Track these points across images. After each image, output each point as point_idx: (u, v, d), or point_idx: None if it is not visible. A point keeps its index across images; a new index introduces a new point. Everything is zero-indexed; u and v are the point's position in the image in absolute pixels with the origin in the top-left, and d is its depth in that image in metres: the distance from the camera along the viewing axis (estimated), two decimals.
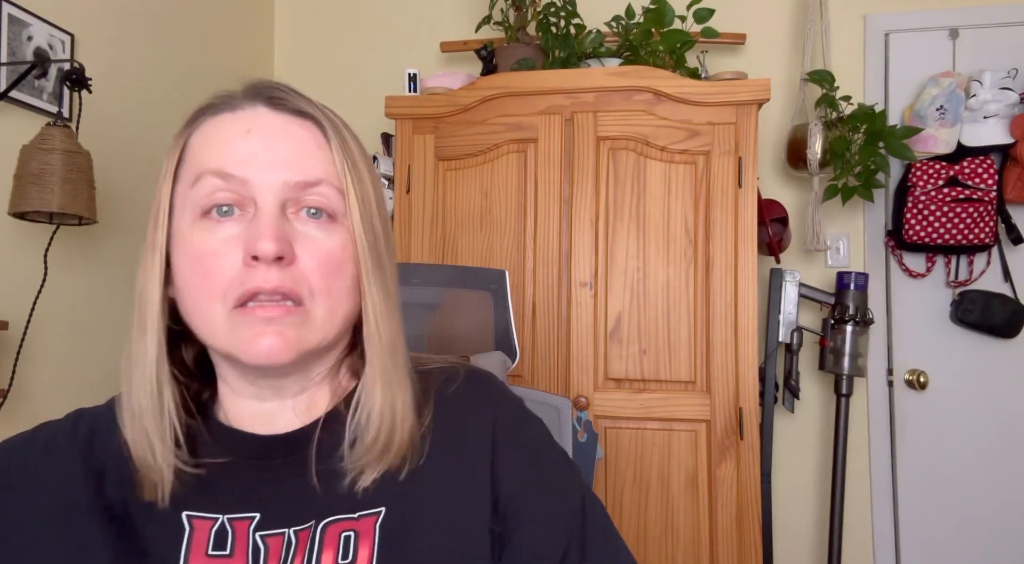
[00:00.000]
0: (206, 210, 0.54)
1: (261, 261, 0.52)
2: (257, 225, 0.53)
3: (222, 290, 0.53)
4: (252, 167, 0.54)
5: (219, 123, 0.56)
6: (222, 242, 0.53)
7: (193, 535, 0.55)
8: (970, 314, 2.16)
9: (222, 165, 0.54)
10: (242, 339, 0.53)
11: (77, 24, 1.70)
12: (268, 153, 0.55)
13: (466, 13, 2.48)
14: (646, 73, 1.85)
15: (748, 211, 1.79)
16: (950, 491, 2.21)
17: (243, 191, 0.54)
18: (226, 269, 0.53)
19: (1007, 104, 2.07)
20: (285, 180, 0.54)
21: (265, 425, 0.59)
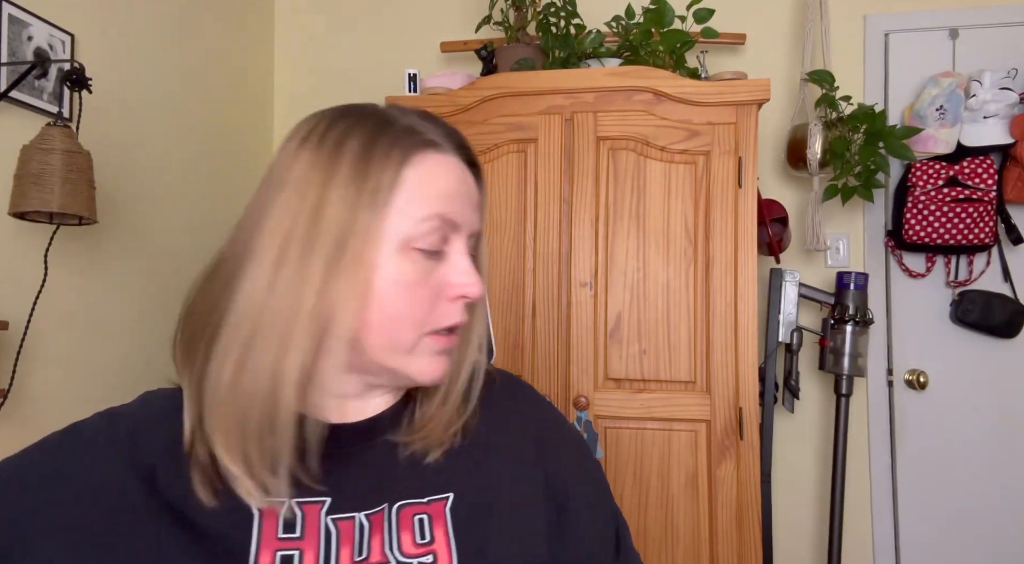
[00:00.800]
0: (417, 245, 0.57)
1: (464, 300, 0.60)
2: (464, 270, 0.59)
3: (421, 318, 0.58)
4: (463, 215, 0.60)
5: (434, 165, 0.59)
6: (427, 275, 0.58)
7: (263, 520, 0.56)
8: (970, 314, 2.16)
9: (446, 210, 0.58)
10: (424, 362, 0.59)
11: (77, 24, 1.70)
12: (471, 205, 0.61)
13: (466, 13, 2.48)
14: (646, 73, 1.85)
15: (748, 211, 1.79)
16: (950, 491, 2.21)
17: (449, 233, 0.59)
18: (428, 300, 0.58)
19: (1007, 104, 2.07)
20: (474, 228, 0.62)
21: (340, 416, 0.62)
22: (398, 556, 0.56)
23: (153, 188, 1.99)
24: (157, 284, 2.00)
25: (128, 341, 1.88)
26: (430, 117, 0.63)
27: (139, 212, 1.93)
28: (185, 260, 2.13)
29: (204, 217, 2.23)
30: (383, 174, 0.56)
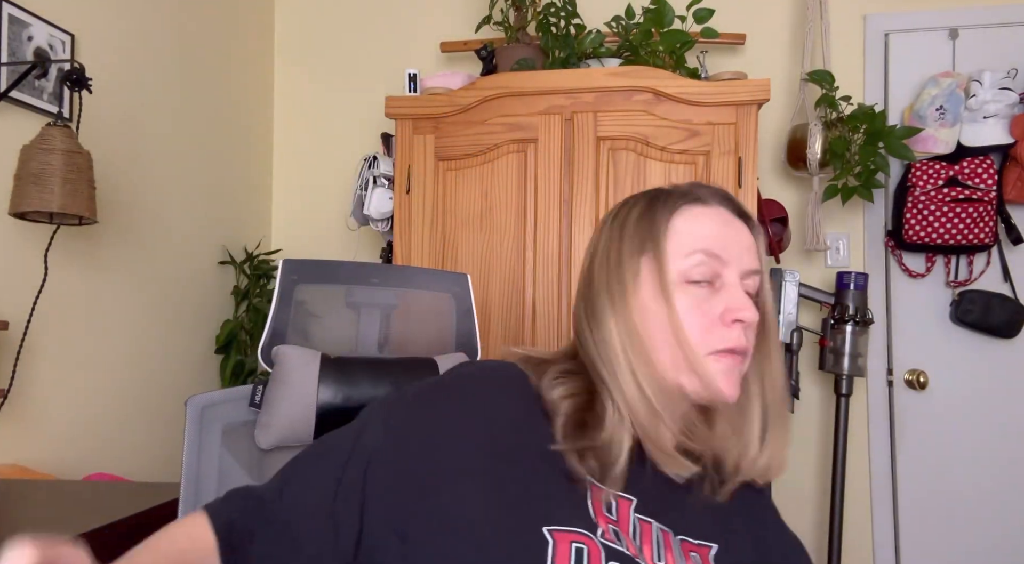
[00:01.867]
0: (690, 278, 0.69)
1: (741, 324, 0.68)
2: (736, 296, 0.68)
3: (703, 340, 0.67)
4: (729, 251, 0.70)
5: (701, 213, 0.72)
6: (703, 303, 0.69)
7: (592, 497, 0.65)
8: (970, 314, 2.16)
9: (709, 245, 0.70)
10: (714, 379, 0.67)
11: (77, 24, 1.70)
12: (738, 243, 0.71)
13: (466, 13, 2.48)
14: (646, 73, 1.85)
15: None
16: (950, 490, 2.21)
17: (718, 268, 0.69)
18: (707, 325, 0.68)
19: (1007, 104, 2.07)
20: (745, 267, 0.71)
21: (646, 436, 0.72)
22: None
23: (153, 188, 1.99)
24: (157, 284, 2.00)
25: (128, 340, 1.88)
26: (699, 183, 0.77)
27: (139, 212, 1.93)
28: (185, 260, 2.13)
29: (204, 217, 2.24)
30: (660, 227, 0.71)
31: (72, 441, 1.68)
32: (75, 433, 1.69)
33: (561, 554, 0.57)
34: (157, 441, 1.94)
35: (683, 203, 0.73)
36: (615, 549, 0.60)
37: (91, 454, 1.73)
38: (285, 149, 2.65)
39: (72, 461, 1.67)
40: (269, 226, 2.63)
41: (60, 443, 1.65)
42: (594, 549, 0.59)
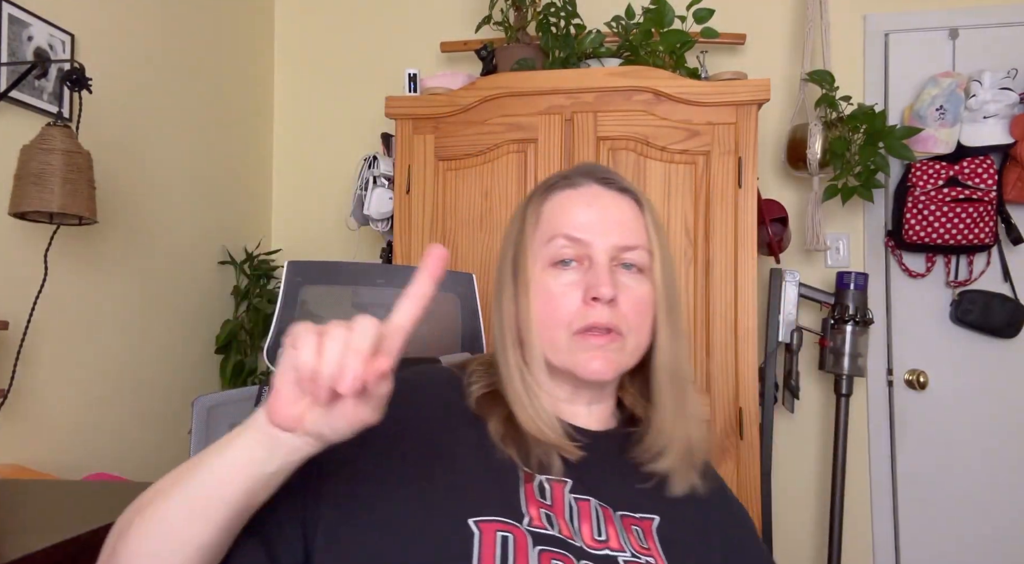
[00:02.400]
0: (555, 262, 0.72)
1: (599, 302, 0.69)
2: (596, 275, 0.70)
3: (567, 320, 0.70)
4: (592, 232, 0.72)
5: (567, 198, 0.76)
6: (567, 285, 0.71)
7: (525, 485, 0.66)
8: (970, 314, 2.16)
9: (570, 230, 0.73)
10: (579, 359, 0.70)
11: (77, 24, 1.70)
12: (608, 220, 0.73)
13: (466, 13, 2.48)
14: (646, 73, 1.85)
15: (748, 211, 1.79)
16: (950, 490, 2.21)
17: (582, 250, 0.72)
18: (570, 305, 0.71)
19: (1007, 104, 2.07)
20: (615, 243, 0.72)
21: (584, 421, 0.75)
22: (632, 548, 0.65)
23: (153, 188, 1.99)
24: (157, 284, 2.00)
25: (128, 341, 1.88)
26: (584, 165, 0.80)
27: (139, 212, 1.93)
28: (185, 260, 2.13)
29: (204, 217, 2.24)
30: (529, 215, 0.77)
31: (72, 441, 1.68)
32: (75, 433, 1.69)
33: (487, 544, 0.59)
34: (157, 441, 1.94)
35: (554, 191, 0.77)
36: (544, 534, 0.62)
37: (91, 454, 1.73)
38: (285, 149, 2.65)
39: (72, 461, 1.67)
40: (269, 226, 2.63)
41: (60, 443, 1.65)
42: (520, 537, 0.60)
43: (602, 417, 0.77)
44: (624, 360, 0.72)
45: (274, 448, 0.50)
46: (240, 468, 0.51)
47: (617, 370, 0.72)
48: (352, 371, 0.45)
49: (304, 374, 0.45)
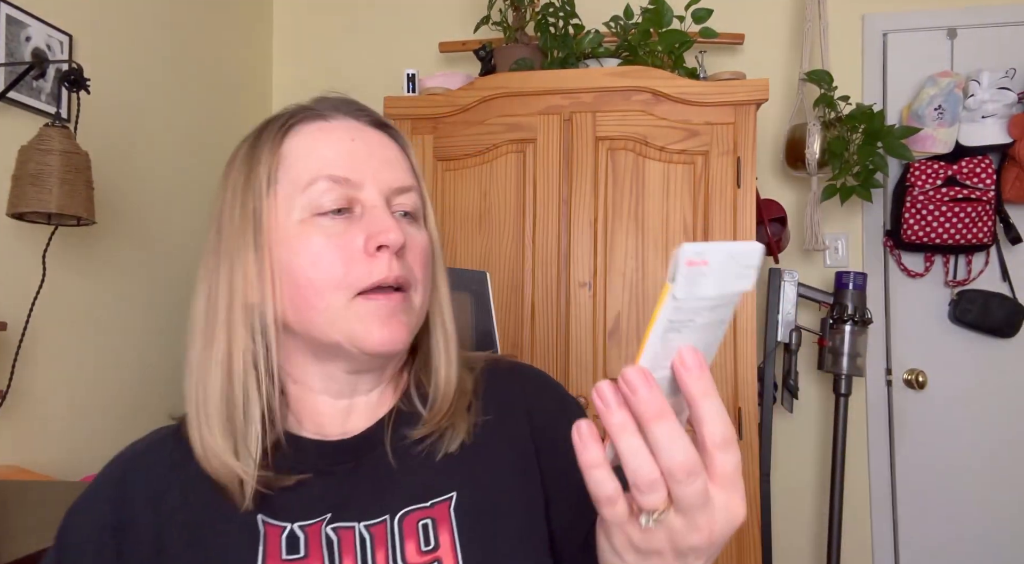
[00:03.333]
0: (319, 210, 0.58)
1: (387, 250, 0.57)
2: (377, 220, 0.58)
3: (343, 281, 0.57)
4: (362, 171, 0.60)
5: (318, 130, 0.61)
6: (339, 237, 0.58)
7: (267, 540, 0.57)
8: (968, 314, 2.17)
9: (335, 169, 0.59)
10: (369, 327, 0.57)
11: (75, 25, 1.70)
12: (374, 158, 0.61)
13: (465, 13, 2.48)
14: (645, 73, 1.85)
15: (747, 211, 1.79)
16: (949, 490, 2.22)
17: (354, 193, 0.59)
18: (345, 260, 0.57)
19: (1005, 104, 2.07)
20: (388, 184, 0.61)
21: (338, 424, 0.63)
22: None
23: (151, 188, 1.99)
24: (156, 284, 2.00)
25: (126, 341, 1.88)
26: (327, 97, 0.65)
27: (137, 212, 1.93)
28: (184, 260, 2.13)
29: (202, 217, 2.23)
30: (263, 157, 0.60)
31: (71, 442, 1.68)
32: (74, 434, 1.69)
33: None
34: None
35: (298, 124, 0.62)
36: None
37: (90, 455, 1.72)
38: None
39: (71, 462, 1.66)
40: None
41: (59, 444, 1.64)
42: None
43: (383, 401, 0.65)
44: (414, 322, 0.61)
45: None
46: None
47: (410, 336, 0.60)
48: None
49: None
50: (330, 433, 0.62)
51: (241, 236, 0.59)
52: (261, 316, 0.58)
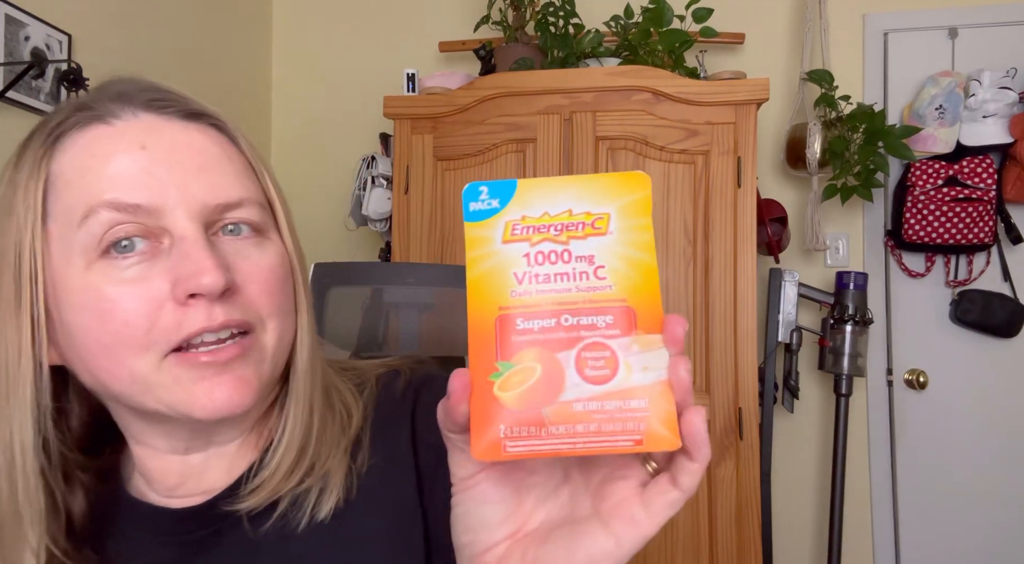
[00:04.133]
0: (104, 249, 0.44)
1: (201, 298, 0.44)
2: (186, 256, 0.44)
3: (149, 338, 0.44)
4: (157, 192, 0.45)
5: (95, 140, 0.46)
6: (135, 283, 0.44)
7: None
8: (969, 314, 2.16)
9: (118, 194, 0.44)
10: (192, 393, 0.45)
11: (74, 24, 1.70)
12: (180, 169, 0.46)
13: (464, 13, 2.47)
14: (645, 73, 1.85)
15: (747, 211, 1.78)
16: (950, 490, 2.21)
17: (151, 222, 0.45)
18: (149, 312, 0.44)
19: (1006, 103, 2.07)
20: (203, 203, 0.46)
21: (192, 483, 0.51)
22: None
23: None
24: None
25: None
26: (109, 85, 0.51)
27: None
28: None
29: None
30: (28, 180, 0.45)
31: None
32: None
33: None
34: None
35: (67, 132, 0.46)
36: None
37: None
38: (283, 149, 2.65)
39: None
40: None
41: None
42: None
43: (244, 452, 0.53)
44: (266, 369, 0.48)
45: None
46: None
47: (258, 390, 0.47)
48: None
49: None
50: (186, 493, 0.51)
51: (14, 285, 0.45)
52: (47, 389, 0.46)
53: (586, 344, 0.34)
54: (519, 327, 0.34)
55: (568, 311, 0.35)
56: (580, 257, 0.36)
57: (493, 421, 0.33)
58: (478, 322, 0.35)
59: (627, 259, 0.36)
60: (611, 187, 0.36)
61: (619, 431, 0.33)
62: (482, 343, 0.34)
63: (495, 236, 0.37)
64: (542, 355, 0.34)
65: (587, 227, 0.36)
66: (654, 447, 0.33)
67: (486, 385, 0.34)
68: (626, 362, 0.34)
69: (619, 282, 0.35)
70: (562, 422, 0.33)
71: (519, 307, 0.35)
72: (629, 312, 0.35)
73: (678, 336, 0.34)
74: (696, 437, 0.32)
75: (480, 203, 0.37)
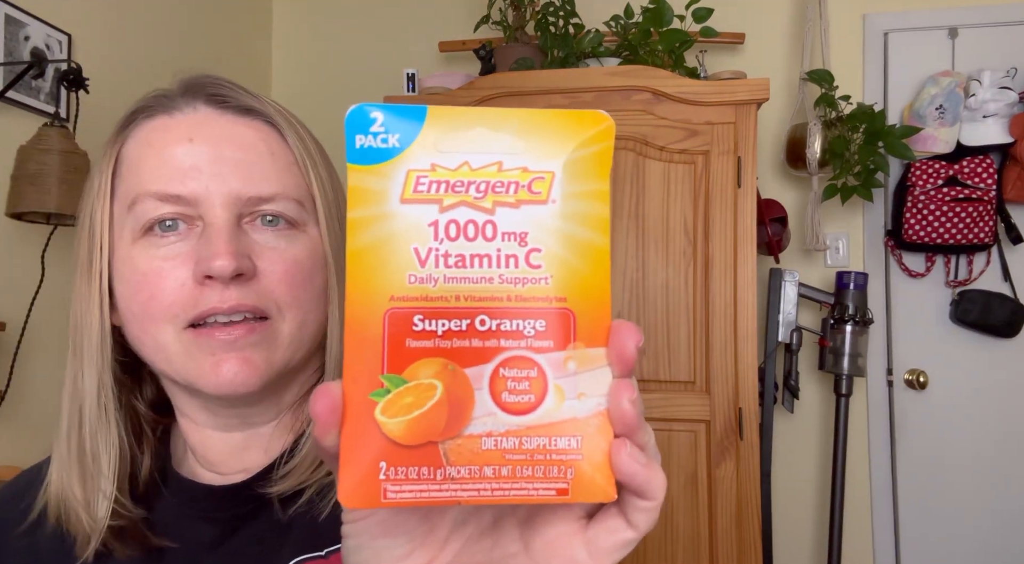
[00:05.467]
0: (147, 228, 0.49)
1: (216, 280, 0.47)
2: (208, 240, 0.47)
3: (171, 311, 0.47)
4: (197, 183, 0.48)
5: (154, 130, 0.51)
6: (166, 259, 0.48)
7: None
8: (969, 314, 2.16)
9: (162, 185, 0.48)
10: (202, 366, 0.48)
11: (74, 24, 1.70)
12: (220, 163, 0.49)
13: (464, 13, 2.47)
14: (645, 73, 1.85)
15: (747, 211, 1.78)
16: (950, 490, 2.21)
17: (190, 210, 0.48)
18: (173, 288, 0.47)
19: (1006, 103, 2.07)
20: (237, 194, 0.49)
21: (233, 461, 0.54)
22: None
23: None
24: None
25: None
26: (189, 79, 0.56)
27: None
28: None
29: None
30: (104, 162, 0.52)
31: None
32: None
33: None
34: None
35: (140, 120, 0.53)
36: None
37: None
38: None
39: None
40: None
41: None
42: None
43: (281, 433, 0.54)
44: (278, 356, 0.50)
45: None
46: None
47: (266, 373, 0.49)
48: None
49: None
50: (228, 470, 0.54)
51: (87, 254, 0.52)
52: (108, 346, 0.51)
53: (506, 358, 0.26)
54: (416, 328, 0.26)
55: (486, 310, 0.26)
56: (508, 234, 0.26)
57: (370, 456, 0.25)
58: (358, 317, 0.26)
59: (572, 240, 0.27)
60: (560, 132, 0.27)
61: (539, 477, 0.26)
62: (362, 347, 0.26)
63: (391, 190, 0.26)
64: (445, 370, 0.26)
65: (521, 189, 0.27)
66: (583, 498, 0.26)
67: (364, 405, 0.25)
68: (557, 385, 0.26)
69: (558, 273, 0.26)
70: (466, 462, 0.26)
71: (418, 299, 0.26)
72: (568, 316, 0.26)
73: (627, 353, 0.26)
74: (635, 477, 0.27)
75: (371, 138, 0.26)
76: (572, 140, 0.27)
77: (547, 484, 0.26)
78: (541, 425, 0.26)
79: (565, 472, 0.26)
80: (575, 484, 0.26)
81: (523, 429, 0.26)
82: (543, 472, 0.26)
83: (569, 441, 0.26)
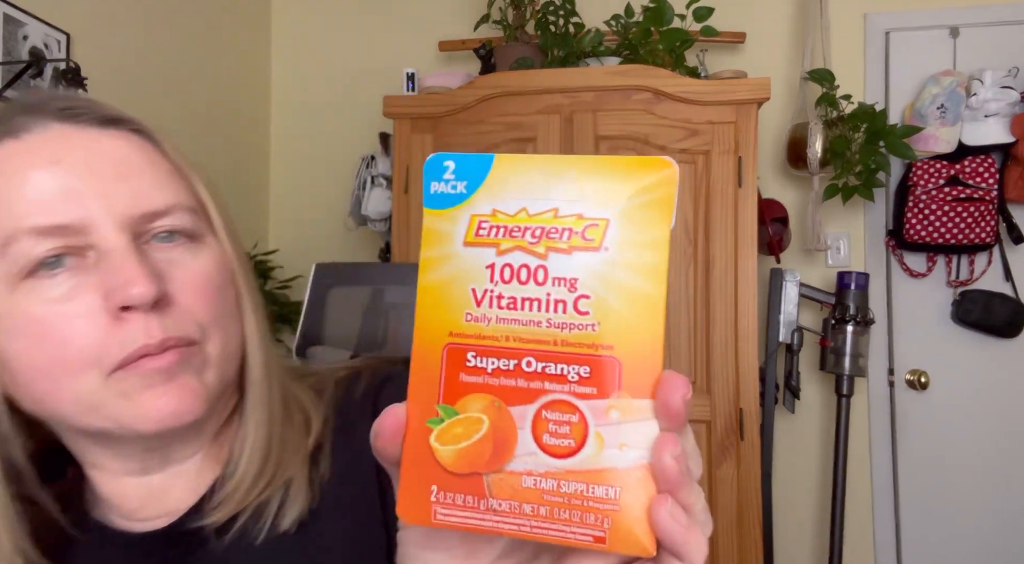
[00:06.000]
0: (28, 271, 0.42)
1: (136, 309, 0.42)
2: (114, 268, 0.42)
3: (90, 355, 0.42)
4: (79, 207, 0.42)
5: (7, 159, 0.43)
6: (65, 301, 0.42)
7: None
8: (971, 314, 2.16)
9: (39, 218, 0.42)
10: (139, 404, 0.43)
11: (73, 23, 1.69)
12: (101, 179, 0.44)
13: (464, 12, 2.47)
14: (645, 72, 1.84)
15: (748, 211, 1.78)
16: (951, 491, 2.21)
17: (77, 240, 0.42)
18: (86, 328, 0.42)
19: (1008, 103, 2.06)
20: (129, 213, 0.44)
21: (154, 505, 0.50)
22: None
23: None
24: None
25: None
26: (26, 100, 0.48)
27: None
28: None
29: None
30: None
31: None
32: None
33: None
34: None
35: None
36: None
37: None
38: (282, 149, 2.64)
39: None
40: (266, 226, 2.62)
41: None
42: None
43: (207, 466, 0.51)
44: (212, 378, 0.46)
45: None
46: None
47: (207, 398, 0.46)
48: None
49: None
50: (148, 515, 0.49)
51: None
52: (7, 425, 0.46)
53: (548, 400, 0.27)
54: (469, 364, 0.27)
55: (533, 353, 0.27)
56: (559, 279, 0.27)
57: (425, 478, 0.27)
58: (424, 348, 0.28)
59: (623, 289, 0.27)
60: (619, 178, 0.27)
61: (576, 522, 0.26)
62: (425, 376, 0.28)
63: (456, 233, 0.28)
64: (492, 406, 0.27)
65: (575, 236, 0.27)
66: (620, 549, 0.26)
67: (422, 431, 0.27)
68: (598, 433, 0.26)
69: (606, 321, 0.27)
70: (507, 497, 0.27)
71: (473, 337, 0.27)
72: (613, 365, 0.27)
73: (674, 406, 0.26)
74: (672, 537, 0.26)
75: (443, 184, 0.29)
76: (630, 187, 0.27)
77: (584, 529, 0.27)
78: (580, 471, 0.26)
79: (602, 521, 0.26)
80: (612, 533, 0.26)
81: (562, 472, 0.27)
82: (580, 517, 0.26)
83: (607, 490, 0.26)
